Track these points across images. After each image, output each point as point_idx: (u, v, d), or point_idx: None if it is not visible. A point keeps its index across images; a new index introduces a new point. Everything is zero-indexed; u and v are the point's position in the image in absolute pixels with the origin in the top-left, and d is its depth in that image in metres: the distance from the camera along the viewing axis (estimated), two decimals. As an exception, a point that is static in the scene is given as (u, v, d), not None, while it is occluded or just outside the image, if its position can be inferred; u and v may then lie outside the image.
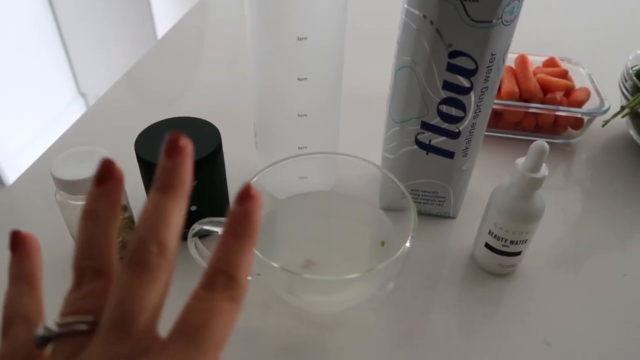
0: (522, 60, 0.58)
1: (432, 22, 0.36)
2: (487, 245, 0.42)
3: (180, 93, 0.70)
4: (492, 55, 0.37)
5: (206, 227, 0.35)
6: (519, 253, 0.41)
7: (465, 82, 0.39)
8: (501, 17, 0.35)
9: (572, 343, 0.39)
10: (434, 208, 0.48)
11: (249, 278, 0.20)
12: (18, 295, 0.20)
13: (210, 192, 0.42)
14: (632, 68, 0.58)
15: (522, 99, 0.56)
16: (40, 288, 0.21)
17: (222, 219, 0.33)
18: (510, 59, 0.62)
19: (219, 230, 0.33)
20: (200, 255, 0.38)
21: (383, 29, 0.60)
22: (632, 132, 0.58)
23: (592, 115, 0.55)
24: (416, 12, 0.37)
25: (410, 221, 0.35)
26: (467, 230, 0.47)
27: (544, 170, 0.37)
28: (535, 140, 0.37)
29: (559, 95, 0.56)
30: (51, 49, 1.91)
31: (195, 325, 0.17)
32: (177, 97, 0.69)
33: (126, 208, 0.41)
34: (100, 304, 0.18)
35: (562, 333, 0.40)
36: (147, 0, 1.79)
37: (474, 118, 0.41)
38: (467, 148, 0.43)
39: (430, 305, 0.42)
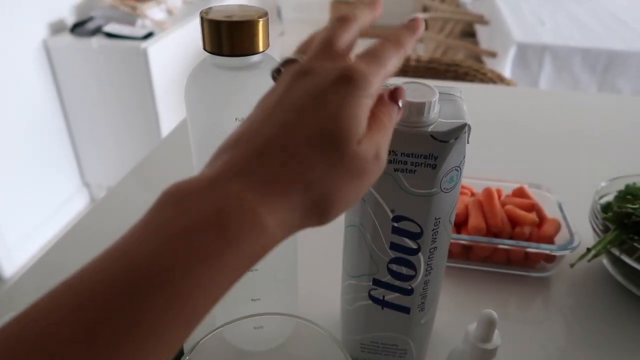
0: (488, 194, 0.58)
1: (372, 190, 0.36)
2: (447, 413, 0.39)
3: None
4: (436, 219, 0.37)
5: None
6: None
7: (412, 244, 0.38)
8: (440, 186, 0.35)
9: None
10: (396, 360, 0.46)
11: None
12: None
13: None
14: (599, 200, 0.57)
15: (490, 233, 0.56)
16: None
17: None
18: (478, 185, 0.62)
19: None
20: None
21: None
22: (608, 267, 0.56)
23: (562, 252, 0.53)
24: (358, 178, 0.37)
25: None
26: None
27: (496, 339, 0.36)
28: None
29: (527, 229, 0.55)
30: (56, 138, 1.97)
31: (375, 51, 0.27)
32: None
33: None
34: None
35: None
36: (152, 97, 1.87)
37: (425, 276, 0.40)
38: (423, 303, 0.42)
39: None
